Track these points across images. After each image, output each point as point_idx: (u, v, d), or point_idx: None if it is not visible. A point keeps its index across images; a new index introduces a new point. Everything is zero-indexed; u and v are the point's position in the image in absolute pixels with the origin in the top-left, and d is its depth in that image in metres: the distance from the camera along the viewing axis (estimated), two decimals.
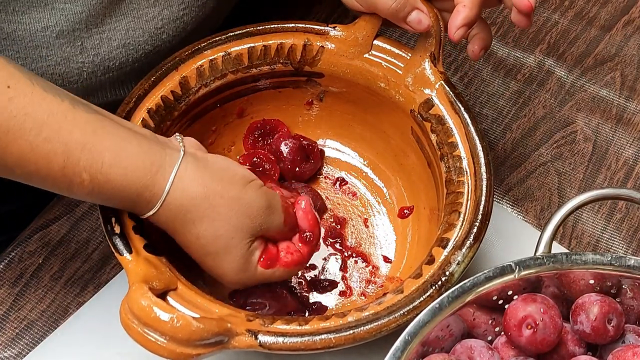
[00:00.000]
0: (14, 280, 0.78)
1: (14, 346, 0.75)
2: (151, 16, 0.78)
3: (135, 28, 0.77)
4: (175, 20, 0.79)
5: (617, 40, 0.95)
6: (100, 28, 0.76)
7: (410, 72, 0.75)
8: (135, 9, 0.77)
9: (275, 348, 0.63)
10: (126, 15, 0.77)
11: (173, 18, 0.79)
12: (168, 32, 0.79)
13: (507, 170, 0.86)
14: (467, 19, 0.70)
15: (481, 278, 0.63)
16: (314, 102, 0.82)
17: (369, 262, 0.78)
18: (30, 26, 0.74)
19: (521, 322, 0.63)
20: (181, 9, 0.79)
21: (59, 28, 0.74)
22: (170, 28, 0.79)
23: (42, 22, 0.74)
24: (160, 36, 0.79)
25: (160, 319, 0.59)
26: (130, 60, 0.79)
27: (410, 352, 0.60)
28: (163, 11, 0.78)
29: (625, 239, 0.83)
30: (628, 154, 0.87)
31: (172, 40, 0.80)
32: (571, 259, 0.64)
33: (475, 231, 0.68)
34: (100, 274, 0.79)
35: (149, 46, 0.79)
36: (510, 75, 0.93)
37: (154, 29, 0.78)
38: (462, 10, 0.70)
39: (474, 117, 0.73)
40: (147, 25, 0.78)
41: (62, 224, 0.81)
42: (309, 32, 0.77)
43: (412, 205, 0.80)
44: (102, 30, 0.76)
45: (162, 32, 0.79)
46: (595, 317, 0.64)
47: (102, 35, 0.76)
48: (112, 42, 0.77)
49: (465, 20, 0.70)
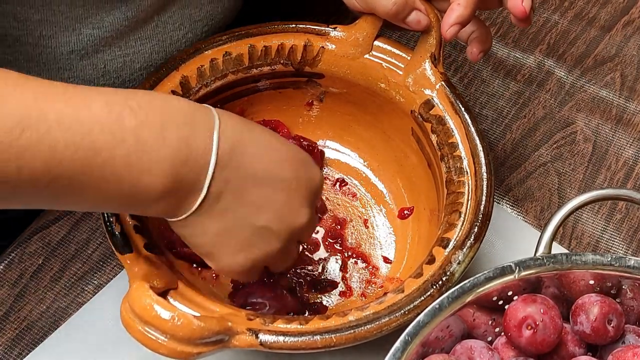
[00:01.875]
0: (14, 281, 0.78)
1: (14, 347, 0.75)
2: (175, 39, 0.78)
3: (158, 51, 0.77)
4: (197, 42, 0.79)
5: (617, 40, 0.95)
6: (125, 51, 0.76)
7: (410, 72, 0.75)
8: (160, 32, 0.77)
9: (275, 347, 0.63)
10: (151, 39, 0.76)
11: (195, 40, 0.79)
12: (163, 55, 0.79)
13: (507, 171, 0.86)
14: (460, 17, 0.70)
15: (481, 278, 0.63)
16: (314, 102, 0.82)
17: (369, 262, 0.78)
18: (56, 50, 0.73)
19: (521, 323, 0.63)
20: (204, 31, 0.79)
21: (84, 52, 0.74)
22: None
23: (69, 46, 0.73)
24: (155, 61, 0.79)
25: (161, 317, 0.59)
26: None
27: (410, 353, 0.60)
28: (187, 34, 0.78)
29: (625, 239, 0.83)
30: (628, 155, 0.88)
31: None
32: (571, 259, 0.64)
33: (475, 231, 0.68)
34: (100, 274, 0.79)
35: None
36: (510, 75, 0.93)
37: (176, 52, 0.78)
38: (456, 8, 0.70)
39: (474, 118, 0.73)
40: (170, 48, 0.78)
41: (62, 224, 0.81)
42: (309, 33, 0.77)
43: (412, 206, 0.80)
44: (127, 53, 0.76)
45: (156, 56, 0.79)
46: (595, 318, 0.64)
47: (126, 59, 0.76)
48: (135, 65, 0.77)
49: (459, 19, 0.70)
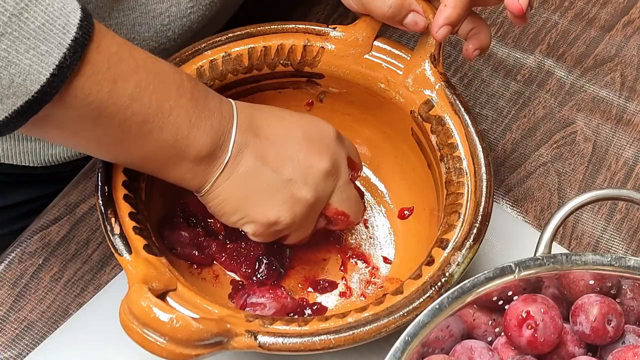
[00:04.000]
0: (14, 281, 0.78)
1: (14, 347, 0.75)
2: (159, 12, 0.78)
3: (141, 23, 0.77)
4: (182, 17, 0.79)
5: (617, 40, 0.95)
6: (107, 22, 0.75)
7: (410, 73, 0.75)
8: (143, 4, 0.77)
9: (274, 349, 0.63)
10: (134, 10, 0.76)
11: (180, 15, 0.79)
12: (174, 29, 0.79)
13: (507, 171, 0.86)
14: (448, 18, 0.70)
15: (481, 279, 0.63)
16: (314, 102, 0.82)
17: (368, 262, 0.78)
18: None
19: (521, 323, 0.63)
20: (189, 7, 0.79)
21: None
22: (177, 26, 0.79)
23: None
24: (165, 33, 0.79)
25: (160, 319, 0.59)
26: None
27: (410, 353, 0.60)
28: (171, 8, 0.78)
29: (625, 239, 0.83)
30: (628, 155, 0.87)
31: (177, 38, 0.80)
32: (571, 259, 0.64)
33: (475, 232, 0.68)
34: (101, 274, 0.79)
35: (154, 42, 0.79)
36: (510, 75, 0.93)
37: (160, 25, 0.78)
38: (443, 9, 0.70)
39: (474, 118, 0.73)
40: (153, 21, 0.78)
41: (62, 224, 0.81)
42: (309, 33, 0.77)
43: (412, 206, 0.80)
44: (109, 24, 0.76)
45: (167, 29, 0.79)
46: (595, 318, 0.64)
47: None
48: None
49: (447, 20, 0.70)
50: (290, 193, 0.69)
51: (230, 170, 0.67)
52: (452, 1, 0.70)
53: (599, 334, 0.64)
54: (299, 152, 0.69)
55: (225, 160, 0.67)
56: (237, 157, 0.67)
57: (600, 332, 0.64)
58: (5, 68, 0.56)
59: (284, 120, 0.71)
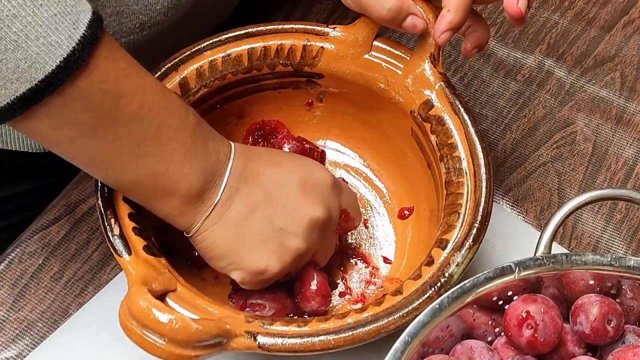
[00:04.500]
0: (14, 281, 0.78)
1: (14, 347, 0.75)
2: None
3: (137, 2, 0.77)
4: None
5: (617, 40, 0.95)
6: None
7: (410, 73, 0.75)
8: None
9: (274, 349, 0.63)
10: None
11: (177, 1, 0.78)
12: (162, 2, 0.79)
13: (507, 171, 0.86)
14: (450, 23, 0.70)
15: (481, 279, 0.63)
16: (314, 102, 0.81)
17: (368, 263, 0.78)
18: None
19: (521, 323, 0.63)
20: None
21: None
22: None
23: None
24: (154, 6, 0.78)
25: (159, 320, 0.59)
26: (124, 30, 0.78)
27: (410, 353, 0.60)
28: None
29: (625, 239, 0.83)
30: (628, 155, 0.87)
31: (166, 12, 0.79)
32: (571, 259, 0.64)
33: (474, 232, 0.68)
34: (101, 274, 0.79)
35: (144, 16, 0.78)
36: (510, 75, 0.93)
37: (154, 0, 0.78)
38: (446, 14, 0.70)
39: (473, 118, 0.73)
40: None
41: (62, 224, 0.81)
42: (308, 33, 0.77)
43: (412, 206, 0.80)
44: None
45: (156, 1, 0.78)
46: (595, 318, 0.64)
47: (97, 2, 0.75)
48: (106, 9, 0.76)
49: (449, 25, 0.70)
50: (280, 242, 0.68)
51: (219, 214, 0.67)
52: (454, 6, 0.70)
53: (599, 334, 0.64)
54: (292, 200, 0.68)
55: (214, 203, 0.66)
56: (227, 202, 0.66)
57: (600, 332, 0.64)
58: (13, 52, 0.55)
59: (280, 166, 0.70)
